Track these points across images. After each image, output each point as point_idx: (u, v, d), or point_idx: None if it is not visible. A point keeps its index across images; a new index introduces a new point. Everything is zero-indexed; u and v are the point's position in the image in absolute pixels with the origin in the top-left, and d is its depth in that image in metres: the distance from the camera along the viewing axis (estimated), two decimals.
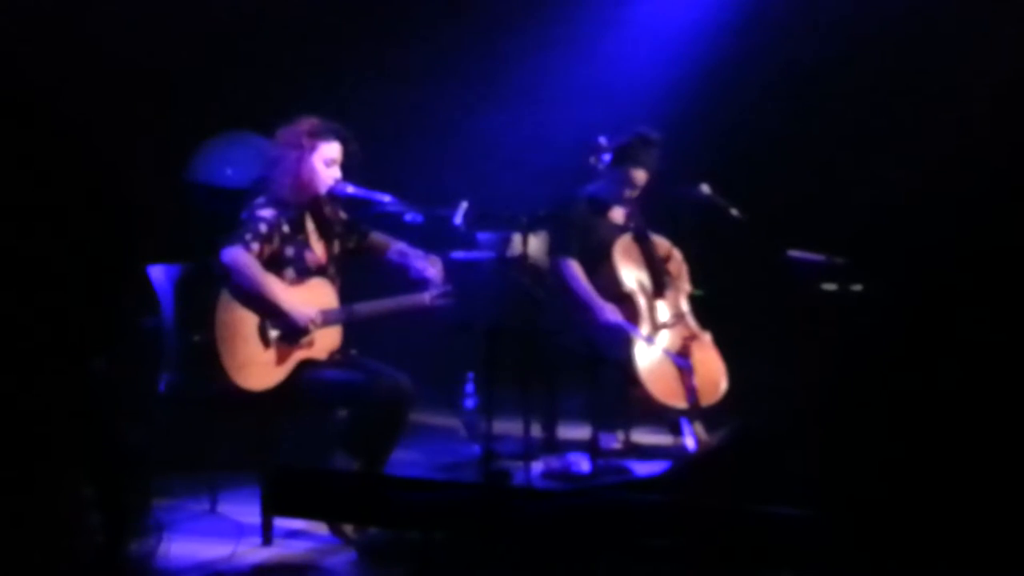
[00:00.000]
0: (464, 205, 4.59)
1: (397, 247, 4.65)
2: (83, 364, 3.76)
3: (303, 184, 4.48)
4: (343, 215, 4.65)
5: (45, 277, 3.39)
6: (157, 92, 5.87)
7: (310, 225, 4.54)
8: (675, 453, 5.35)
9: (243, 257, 4.28)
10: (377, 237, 4.70)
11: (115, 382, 4.06)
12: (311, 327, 4.37)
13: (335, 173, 4.52)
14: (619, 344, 5.22)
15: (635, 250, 5.47)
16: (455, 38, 7.06)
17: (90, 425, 3.40)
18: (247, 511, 4.40)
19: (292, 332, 4.35)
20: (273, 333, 4.34)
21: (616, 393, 5.27)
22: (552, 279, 5.40)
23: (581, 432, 5.49)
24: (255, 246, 4.32)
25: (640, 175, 5.40)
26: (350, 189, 4.53)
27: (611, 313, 5.28)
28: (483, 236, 5.65)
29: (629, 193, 5.44)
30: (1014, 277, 3.31)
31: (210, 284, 4.33)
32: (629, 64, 7.11)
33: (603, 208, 5.55)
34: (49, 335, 3.34)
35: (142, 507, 3.43)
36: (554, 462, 5.25)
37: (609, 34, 7.17)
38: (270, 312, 4.32)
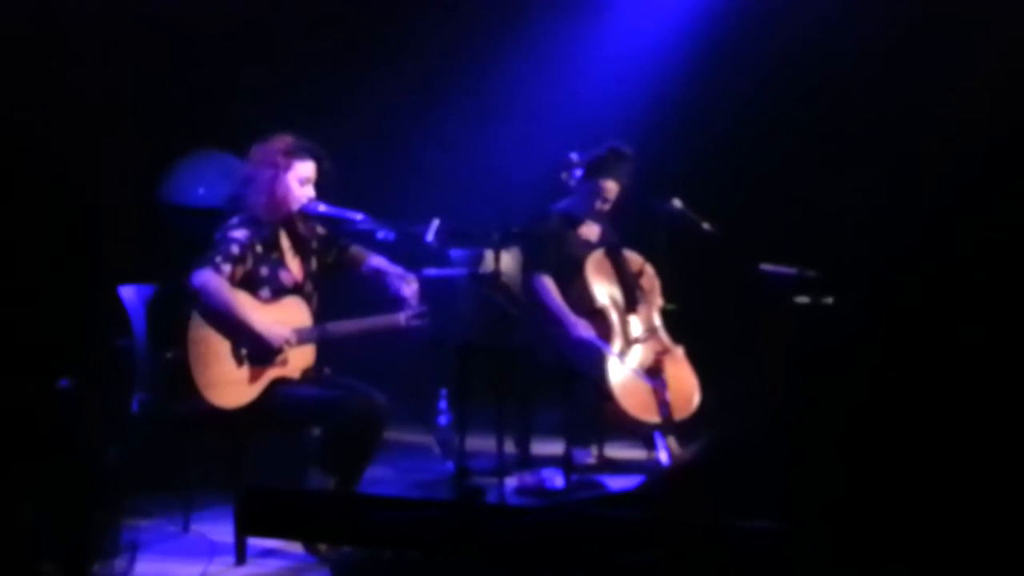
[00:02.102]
0: (436, 222, 4.59)
1: (375, 260, 4.63)
2: (51, 382, 3.74)
3: (277, 203, 4.47)
4: (321, 230, 4.64)
5: (14, 295, 3.37)
6: (128, 112, 5.86)
7: (285, 243, 4.53)
8: (649, 467, 5.35)
9: (213, 280, 4.26)
10: (356, 250, 4.68)
11: (85, 401, 4.04)
12: (285, 347, 4.35)
13: (309, 192, 4.51)
14: (592, 360, 5.22)
15: (607, 265, 5.49)
16: (425, 58, 7.08)
17: (57, 444, 3.38)
18: (220, 530, 4.38)
19: (264, 352, 4.33)
20: (245, 351, 4.32)
21: (589, 408, 5.27)
22: (526, 295, 5.40)
23: (555, 448, 5.49)
24: (226, 268, 4.29)
25: (611, 186, 5.42)
26: (322, 207, 4.51)
27: (583, 329, 5.28)
28: (456, 253, 5.65)
29: (600, 205, 5.45)
30: (987, 287, 3.33)
31: (182, 303, 4.31)
32: (600, 80, 7.14)
33: (575, 223, 5.56)
34: (17, 353, 3.32)
35: (111, 527, 3.40)
36: (528, 478, 5.24)
37: (580, 51, 7.20)
38: (240, 334, 4.29)
